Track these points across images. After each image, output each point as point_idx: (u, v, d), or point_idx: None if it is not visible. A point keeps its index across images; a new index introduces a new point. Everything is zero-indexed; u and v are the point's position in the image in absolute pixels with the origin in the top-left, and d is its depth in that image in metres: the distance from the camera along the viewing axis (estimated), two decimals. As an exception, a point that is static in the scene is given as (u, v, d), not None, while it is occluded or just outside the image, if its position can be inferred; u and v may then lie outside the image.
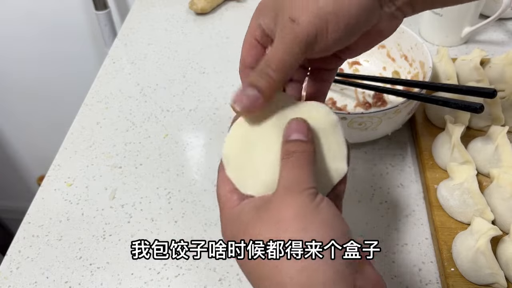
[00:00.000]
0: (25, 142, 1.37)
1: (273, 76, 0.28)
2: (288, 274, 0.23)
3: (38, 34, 1.10)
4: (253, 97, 0.28)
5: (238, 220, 0.27)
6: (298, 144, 0.28)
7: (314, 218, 0.24)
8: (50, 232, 0.51)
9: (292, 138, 0.28)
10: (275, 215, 0.25)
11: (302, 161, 0.27)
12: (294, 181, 0.26)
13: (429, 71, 0.53)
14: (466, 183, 0.45)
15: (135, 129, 0.63)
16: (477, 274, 0.41)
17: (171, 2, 0.90)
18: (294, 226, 0.24)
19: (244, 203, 0.28)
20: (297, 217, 0.24)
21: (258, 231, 0.25)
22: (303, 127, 0.28)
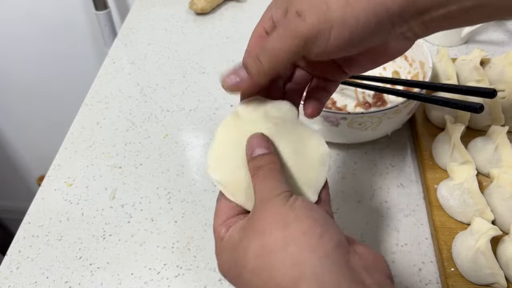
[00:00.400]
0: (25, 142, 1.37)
1: (264, 63, 0.28)
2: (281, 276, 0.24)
3: (38, 34, 1.10)
4: (242, 78, 0.29)
5: (227, 249, 0.28)
6: (262, 158, 0.29)
7: (289, 216, 0.25)
8: (50, 232, 0.51)
9: (255, 154, 0.29)
10: (257, 227, 0.26)
11: (270, 172, 0.28)
12: (266, 192, 0.27)
13: (429, 71, 0.53)
14: (466, 183, 0.45)
15: (135, 129, 0.63)
16: (477, 274, 0.41)
17: (171, 2, 0.90)
18: (273, 229, 0.25)
19: (231, 230, 0.29)
20: (274, 221, 0.25)
21: (245, 250, 0.26)
22: (262, 141, 0.30)
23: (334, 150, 0.57)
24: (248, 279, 0.26)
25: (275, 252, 0.24)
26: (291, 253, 0.24)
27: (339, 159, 0.56)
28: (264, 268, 0.24)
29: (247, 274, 0.25)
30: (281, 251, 0.24)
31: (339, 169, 0.55)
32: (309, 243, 0.24)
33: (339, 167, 0.55)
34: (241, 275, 0.26)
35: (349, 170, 0.55)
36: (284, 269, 0.24)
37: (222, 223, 0.30)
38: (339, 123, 0.50)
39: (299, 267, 0.23)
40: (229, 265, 0.28)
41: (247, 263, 0.25)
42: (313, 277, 0.23)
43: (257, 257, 0.25)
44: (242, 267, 0.26)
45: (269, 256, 0.25)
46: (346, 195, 0.52)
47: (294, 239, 0.24)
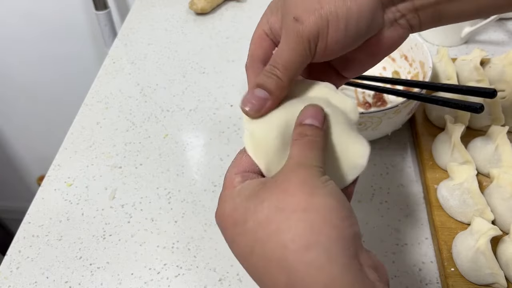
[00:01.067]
0: (25, 142, 1.37)
1: (280, 76, 0.28)
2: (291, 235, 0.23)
3: (38, 34, 1.10)
4: (263, 99, 0.29)
5: (238, 195, 0.26)
6: (312, 129, 0.27)
7: (320, 188, 0.24)
8: (50, 232, 0.51)
9: (306, 122, 0.28)
10: (282, 185, 0.25)
11: (314, 144, 0.27)
12: (304, 158, 0.26)
13: (429, 71, 0.53)
14: (466, 183, 0.45)
15: (135, 129, 0.63)
16: (477, 274, 0.41)
17: (171, 2, 0.90)
18: (300, 192, 0.24)
19: (247, 182, 0.27)
20: (303, 185, 0.24)
21: (262, 199, 0.25)
22: (319, 114, 0.28)
23: (334, 150, 0.57)
24: (251, 228, 0.24)
25: (293, 212, 0.23)
26: (310, 219, 0.23)
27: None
28: (274, 223, 0.23)
29: (252, 224, 0.24)
30: (300, 213, 0.23)
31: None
32: (330, 219, 0.23)
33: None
34: (245, 223, 0.25)
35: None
36: (296, 231, 0.23)
37: (238, 172, 0.28)
38: (339, 123, 0.50)
39: (313, 235, 0.22)
40: (233, 211, 0.26)
41: (258, 213, 0.24)
42: (325, 250, 0.22)
43: (272, 210, 0.24)
44: (249, 216, 0.24)
45: (284, 213, 0.23)
46: (346, 195, 0.52)
47: (317, 209, 0.23)
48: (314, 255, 0.22)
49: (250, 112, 0.29)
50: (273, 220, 0.23)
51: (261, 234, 0.24)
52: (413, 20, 0.30)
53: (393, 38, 0.31)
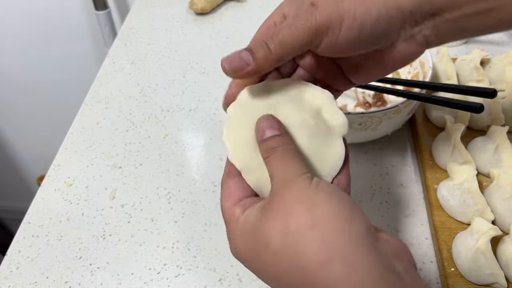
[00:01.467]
0: (25, 142, 1.37)
1: (272, 49, 0.28)
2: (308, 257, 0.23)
3: (38, 34, 1.10)
4: (245, 62, 0.28)
5: (245, 230, 0.26)
6: (274, 140, 0.27)
7: (316, 196, 0.24)
8: (50, 232, 0.51)
9: (266, 136, 0.28)
10: (280, 208, 0.25)
11: (286, 153, 0.27)
12: (287, 173, 0.26)
13: (429, 71, 0.53)
14: (466, 183, 0.45)
15: (135, 129, 0.63)
16: (477, 274, 0.41)
17: (171, 2, 0.90)
18: (299, 210, 0.24)
19: (247, 212, 0.27)
20: (300, 201, 0.24)
21: (268, 230, 0.25)
22: (273, 123, 0.28)
23: (334, 150, 0.57)
24: (269, 260, 0.24)
25: (302, 233, 0.23)
26: (320, 234, 0.23)
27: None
28: (289, 249, 0.23)
29: (269, 255, 0.24)
30: (309, 231, 0.23)
31: (339, 169, 0.55)
32: (338, 226, 0.23)
33: (339, 167, 0.55)
34: (261, 256, 0.25)
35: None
36: (311, 250, 0.23)
37: (235, 203, 0.28)
38: (339, 123, 0.50)
39: (328, 249, 0.22)
40: (246, 247, 0.26)
41: (270, 244, 0.24)
42: (343, 260, 0.22)
43: (282, 238, 0.24)
44: (263, 248, 0.25)
45: (295, 236, 0.23)
46: (346, 195, 0.52)
47: (322, 220, 0.23)
48: (334, 271, 0.22)
49: (227, 67, 0.28)
50: (288, 246, 0.23)
51: (282, 265, 0.24)
52: (431, 36, 0.29)
53: (407, 53, 0.30)
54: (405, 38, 0.29)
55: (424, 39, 0.29)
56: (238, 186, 0.29)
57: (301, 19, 0.28)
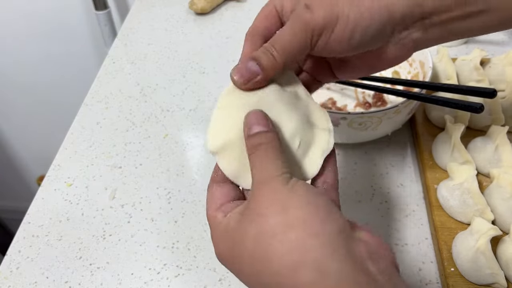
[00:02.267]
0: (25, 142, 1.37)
1: (276, 56, 0.28)
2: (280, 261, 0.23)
3: (38, 34, 1.10)
4: (254, 72, 0.29)
5: (226, 233, 0.27)
6: (260, 136, 0.27)
7: (290, 199, 0.24)
8: (50, 232, 0.51)
9: (252, 132, 0.28)
10: (255, 209, 0.25)
11: (268, 151, 0.27)
12: (264, 173, 0.26)
13: (429, 71, 0.53)
14: (466, 183, 0.45)
15: (135, 129, 0.63)
16: (477, 274, 0.41)
17: (171, 2, 0.90)
18: (272, 212, 0.24)
19: (229, 215, 0.27)
20: (273, 203, 0.24)
21: (244, 233, 0.25)
22: (261, 118, 0.28)
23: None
24: (247, 264, 0.25)
25: (273, 237, 0.23)
26: (291, 239, 0.23)
27: (339, 159, 0.56)
28: (262, 254, 0.24)
29: (246, 259, 0.25)
30: (280, 236, 0.23)
31: (339, 169, 0.55)
32: (310, 229, 0.23)
33: (339, 167, 0.55)
34: (240, 261, 0.25)
35: (349, 170, 0.55)
36: (282, 255, 0.23)
37: (217, 208, 0.29)
38: (339, 123, 0.50)
39: (299, 253, 0.22)
40: (227, 251, 0.27)
41: (246, 248, 0.25)
42: (314, 264, 0.22)
43: (255, 242, 0.24)
44: (240, 252, 0.25)
45: (267, 241, 0.23)
46: (346, 195, 0.52)
47: (294, 224, 0.23)
48: (305, 275, 0.22)
49: (238, 81, 0.29)
50: (261, 250, 0.24)
51: (257, 266, 0.24)
52: (420, 39, 0.30)
53: (394, 55, 0.31)
54: (394, 42, 0.30)
55: (412, 42, 0.30)
56: (221, 191, 0.29)
57: (298, 22, 0.28)
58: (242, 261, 0.25)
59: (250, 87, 0.29)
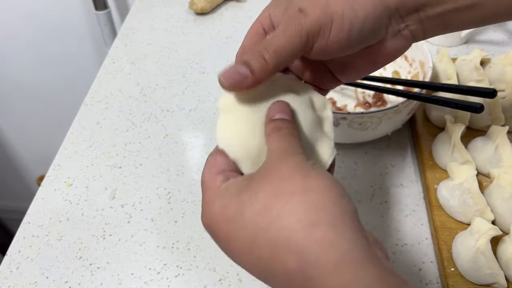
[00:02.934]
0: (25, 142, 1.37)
1: (267, 59, 0.28)
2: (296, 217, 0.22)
3: (38, 34, 1.10)
4: (243, 76, 0.28)
5: (227, 193, 0.25)
6: (283, 121, 0.27)
7: (311, 171, 0.24)
8: (50, 232, 0.51)
9: (277, 117, 0.28)
10: (274, 173, 0.24)
11: (291, 135, 0.27)
12: (284, 149, 0.26)
13: (429, 71, 0.53)
14: (466, 183, 0.45)
15: (135, 129, 0.63)
16: (477, 274, 0.41)
17: (171, 2, 0.90)
18: (293, 176, 0.23)
19: (231, 180, 0.26)
20: (294, 170, 0.24)
21: (255, 190, 0.24)
22: (286, 108, 0.28)
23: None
24: (249, 220, 0.23)
25: (291, 195, 0.23)
26: (310, 200, 0.22)
27: (339, 159, 0.56)
28: (274, 209, 0.23)
29: (250, 215, 0.23)
30: (299, 195, 0.23)
31: (339, 169, 0.55)
32: (330, 197, 0.23)
33: (339, 167, 0.55)
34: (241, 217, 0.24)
35: (349, 170, 0.55)
36: (300, 212, 0.22)
37: (219, 172, 0.27)
38: (339, 123, 0.50)
39: (317, 212, 0.22)
40: (223, 209, 0.25)
41: (254, 204, 0.23)
42: (332, 227, 0.22)
43: (269, 197, 0.23)
44: (245, 209, 0.24)
45: (283, 198, 0.23)
46: (346, 195, 0.52)
47: (315, 189, 0.23)
48: (322, 232, 0.22)
49: (225, 83, 0.29)
50: (273, 207, 0.23)
51: (262, 223, 0.23)
52: (417, 30, 0.30)
53: (394, 48, 0.31)
54: (393, 34, 0.30)
55: (410, 34, 0.30)
56: (225, 160, 0.29)
57: (291, 25, 0.28)
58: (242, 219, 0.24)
59: (238, 90, 0.29)
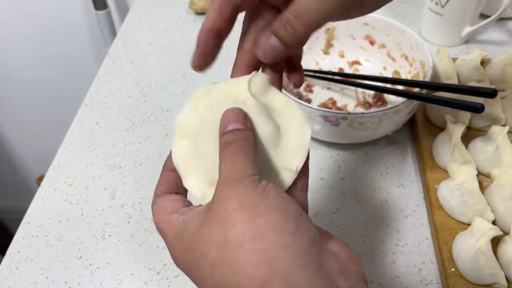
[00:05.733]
0: (24, 142, 1.36)
1: (300, 30, 0.27)
2: (246, 273, 0.21)
3: (37, 34, 1.10)
4: (276, 48, 0.28)
5: (183, 239, 0.24)
6: (235, 133, 0.26)
7: (260, 206, 0.22)
8: (50, 232, 0.51)
9: (229, 129, 0.26)
10: (220, 213, 0.23)
11: (240, 149, 0.25)
12: (233, 171, 0.24)
13: (430, 71, 0.53)
14: (467, 183, 0.45)
15: (135, 129, 0.63)
16: (477, 275, 0.41)
17: (171, 2, 0.90)
18: (240, 219, 0.22)
19: (187, 216, 0.25)
20: (241, 209, 0.22)
21: (205, 239, 0.23)
22: (239, 116, 0.26)
23: (334, 150, 0.57)
24: (207, 273, 0.22)
25: (240, 246, 0.21)
26: (259, 250, 0.21)
27: (339, 159, 0.56)
28: (226, 263, 0.22)
29: (207, 268, 0.22)
30: (247, 246, 0.21)
31: (339, 169, 0.55)
32: (280, 240, 0.21)
33: (339, 167, 0.55)
34: (200, 268, 0.23)
35: (349, 170, 0.55)
36: (249, 267, 0.21)
37: (172, 212, 0.26)
38: (339, 123, 0.50)
39: (268, 266, 0.21)
40: (186, 257, 0.24)
41: (207, 255, 0.22)
42: (284, 278, 0.20)
43: (219, 250, 0.22)
44: (201, 259, 0.23)
45: (232, 250, 0.22)
46: (346, 195, 0.52)
47: (263, 234, 0.21)
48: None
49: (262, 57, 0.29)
50: (224, 262, 0.22)
51: (218, 279, 0.22)
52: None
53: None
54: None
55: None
56: (171, 199, 0.28)
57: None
58: (203, 269, 0.23)
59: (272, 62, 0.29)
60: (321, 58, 0.68)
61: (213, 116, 0.28)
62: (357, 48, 0.66)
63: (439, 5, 0.67)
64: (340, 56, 0.68)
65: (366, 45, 0.66)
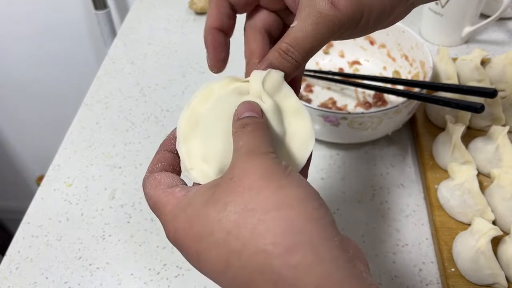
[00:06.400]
0: (24, 142, 1.36)
1: (299, 60, 0.27)
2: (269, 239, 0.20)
3: (37, 34, 1.10)
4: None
5: (190, 208, 0.23)
6: (251, 118, 0.25)
7: (284, 179, 0.22)
8: (50, 232, 0.51)
9: (245, 115, 0.26)
10: (242, 182, 0.22)
11: (259, 130, 0.25)
12: (255, 145, 0.23)
13: (430, 71, 0.53)
14: (467, 183, 0.45)
15: (135, 129, 0.63)
16: (477, 275, 0.41)
17: (171, 2, 0.90)
18: (266, 188, 0.22)
19: (194, 190, 0.24)
20: (266, 178, 0.22)
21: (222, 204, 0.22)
22: (256, 107, 0.26)
23: (334, 150, 0.57)
24: (220, 240, 0.21)
25: (265, 213, 0.21)
26: (286, 218, 0.21)
27: (339, 159, 0.56)
28: (245, 229, 0.21)
29: (221, 234, 0.21)
30: (273, 213, 0.21)
31: (339, 169, 0.55)
32: (307, 212, 0.21)
33: (339, 167, 0.55)
34: (211, 235, 0.22)
35: (349, 170, 0.55)
36: (274, 233, 0.20)
37: (170, 186, 0.26)
38: (339, 123, 0.50)
39: (295, 235, 0.20)
40: (189, 225, 0.23)
41: (224, 220, 0.21)
42: (312, 249, 0.20)
43: (239, 215, 0.21)
44: (214, 226, 0.22)
45: (254, 216, 0.21)
46: (346, 195, 0.52)
47: (290, 204, 0.21)
48: (299, 257, 0.20)
49: None
50: (245, 225, 0.21)
51: (234, 245, 0.21)
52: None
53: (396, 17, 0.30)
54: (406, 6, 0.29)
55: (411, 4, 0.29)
56: (167, 176, 0.27)
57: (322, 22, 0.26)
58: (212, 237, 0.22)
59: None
60: (321, 58, 0.68)
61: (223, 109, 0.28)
62: (357, 48, 0.66)
63: (439, 5, 0.67)
64: (340, 56, 0.68)
65: (366, 45, 0.66)
